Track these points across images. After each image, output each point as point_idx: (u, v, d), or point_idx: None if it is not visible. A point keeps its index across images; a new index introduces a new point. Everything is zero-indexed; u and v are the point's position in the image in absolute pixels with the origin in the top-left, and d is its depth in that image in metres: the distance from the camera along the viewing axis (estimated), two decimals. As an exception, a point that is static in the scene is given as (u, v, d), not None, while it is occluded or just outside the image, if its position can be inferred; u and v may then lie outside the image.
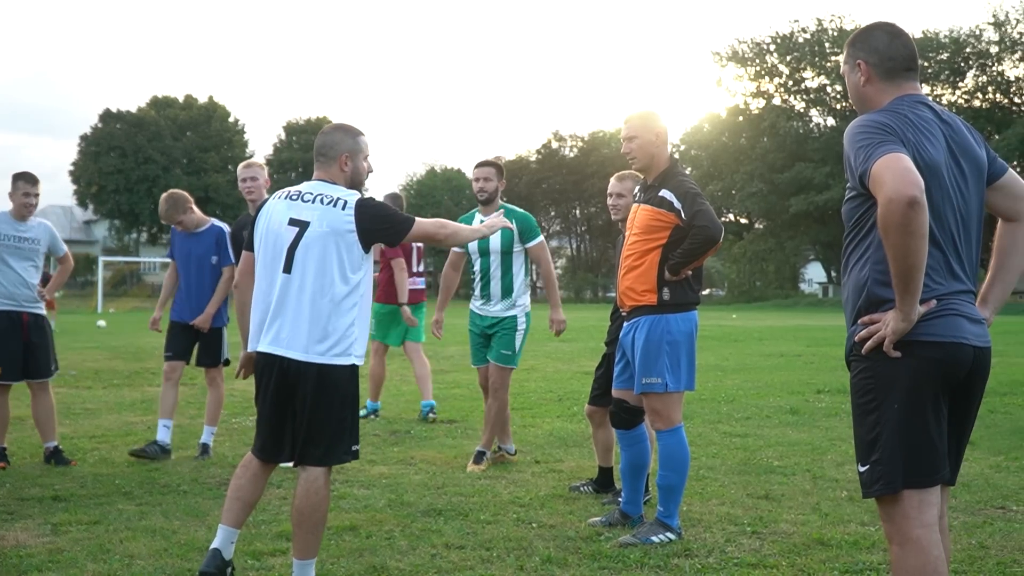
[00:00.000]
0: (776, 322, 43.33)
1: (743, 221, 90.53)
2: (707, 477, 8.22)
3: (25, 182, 8.62)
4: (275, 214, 5.29)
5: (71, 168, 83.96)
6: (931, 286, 3.74)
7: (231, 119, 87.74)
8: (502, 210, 8.05)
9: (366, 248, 5.20)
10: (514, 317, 8.71)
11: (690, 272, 6.37)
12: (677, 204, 6.30)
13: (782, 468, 8.60)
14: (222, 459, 8.91)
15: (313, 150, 5.43)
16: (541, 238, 8.78)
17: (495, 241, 8.60)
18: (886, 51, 4.01)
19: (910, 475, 3.76)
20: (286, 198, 5.31)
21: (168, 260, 9.70)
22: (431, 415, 11.51)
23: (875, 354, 3.78)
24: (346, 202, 5.17)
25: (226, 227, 9.34)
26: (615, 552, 5.97)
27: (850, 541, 6.23)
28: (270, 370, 5.22)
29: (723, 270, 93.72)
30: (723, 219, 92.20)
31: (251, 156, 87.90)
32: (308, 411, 5.13)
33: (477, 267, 8.83)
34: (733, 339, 28.41)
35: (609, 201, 7.65)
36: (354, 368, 5.23)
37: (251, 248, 5.53)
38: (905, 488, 3.77)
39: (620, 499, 7.17)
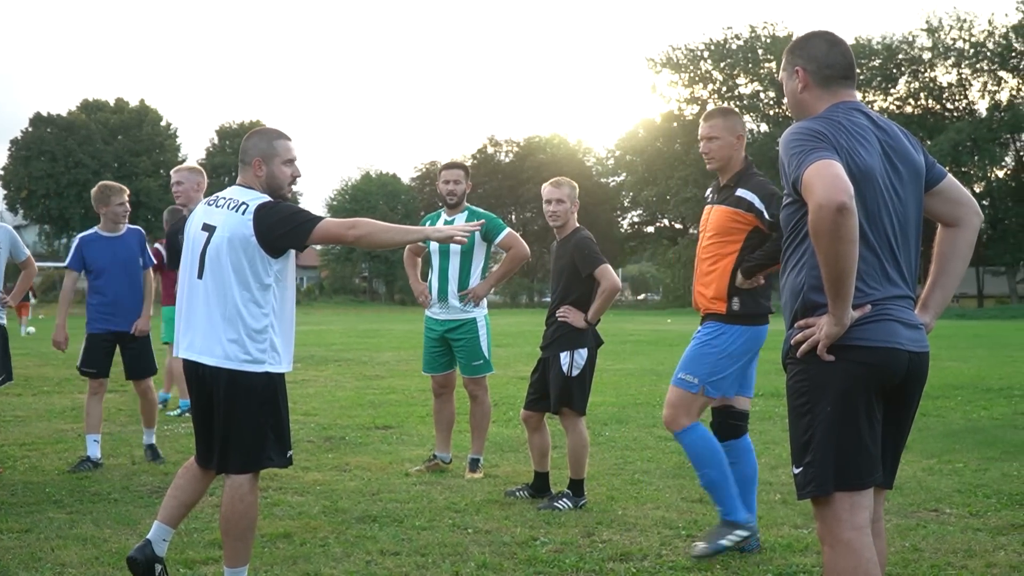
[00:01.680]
0: (710, 326, 43.56)
1: (678, 226, 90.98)
2: (642, 481, 8.26)
3: None
4: (195, 218, 5.28)
5: (0, 172, 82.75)
6: (865, 291, 3.77)
7: (163, 123, 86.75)
8: (470, 220, 8.10)
9: (273, 253, 5.06)
10: (473, 321, 8.58)
11: (762, 280, 6.11)
12: (759, 204, 6.06)
13: (716, 472, 8.64)
14: (152, 468, 8.81)
15: None
16: (507, 229, 8.61)
17: None
18: (824, 59, 4.04)
19: (841, 477, 3.80)
20: (205, 203, 5.30)
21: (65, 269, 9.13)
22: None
23: (809, 358, 3.81)
24: (247, 207, 5.09)
25: (142, 229, 9.19)
26: (551, 557, 5.98)
27: (784, 544, 6.28)
28: (191, 376, 5.20)
29: (658, 275, 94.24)
30: (658, 224, 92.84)
31: (183, 160, 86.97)
32: (223, 417, 5.09)
33: (435, 267, 8.67)
34: (668, 343, 28.55)
35: (548, 208, 7.64)
36: (269, 375, 5.12)
37: None
38: (836, 490, 3.81)
39: (555, 504, 7.19)
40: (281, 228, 5.05)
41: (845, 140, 3.79)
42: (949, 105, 77.36)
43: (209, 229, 5.12)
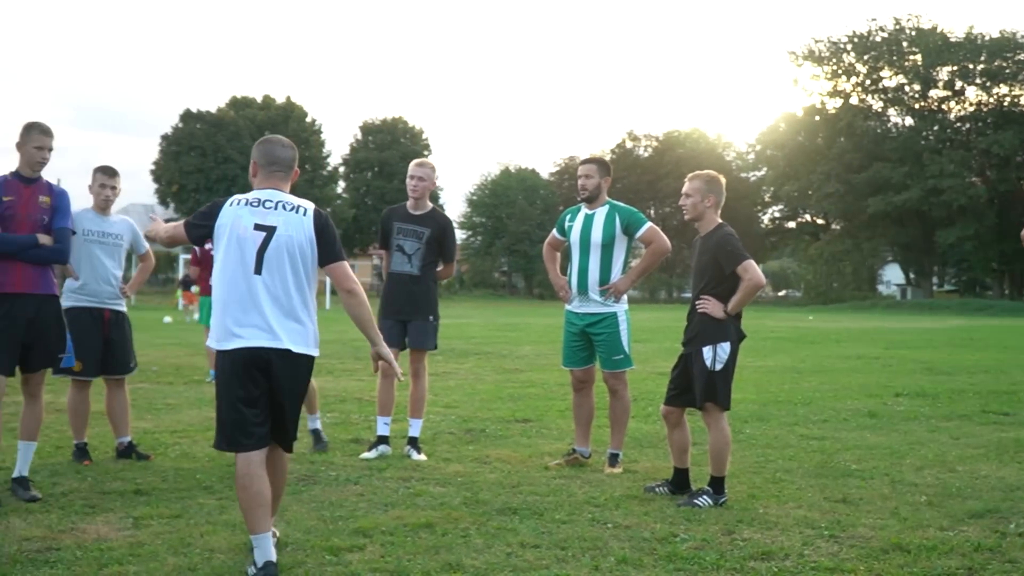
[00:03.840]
0: (853, 324, 42.88)
1: (819, 222, 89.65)
2: (784, 480, 8.16)
3: (102, 173, 8.68)
4: (239, 218, 5.65)
5: (152, 167, 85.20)
6: None
7: (308, 119, 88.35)
8: (610, 214, 8.22)
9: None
10: (614, 315, 8.57)
11: None
12: None
13: (860, 472, 8.52)
14: (299, 456, 8.98)
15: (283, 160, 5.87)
16: (648, 224, 8.58)
17: (594, 236, 8.56)
18: None
19: None
20: (246, 204, 5.70)
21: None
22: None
23: None
24: (306, 210, 5.74)
25: None
26: (690, 554, 5.94)
27: (928, 546, 6.15)
28: (250, 363, 5.59)
29: (799, 271, 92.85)
30: (799, 220, 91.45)
31: (327, 156, 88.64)
32: (288, 398, 5.64)
33: (575, 261, 8.71)
34: (810, 341, 28.15)
35: (681, 201, 7.61)
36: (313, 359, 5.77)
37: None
38: None
39: (694, 500, 7.18)
40: (330, 238, 5.72)
41: None
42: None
43: (266, 229, 5.55)
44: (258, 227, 5.55)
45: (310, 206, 5.74)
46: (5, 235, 7.11)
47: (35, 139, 7.28)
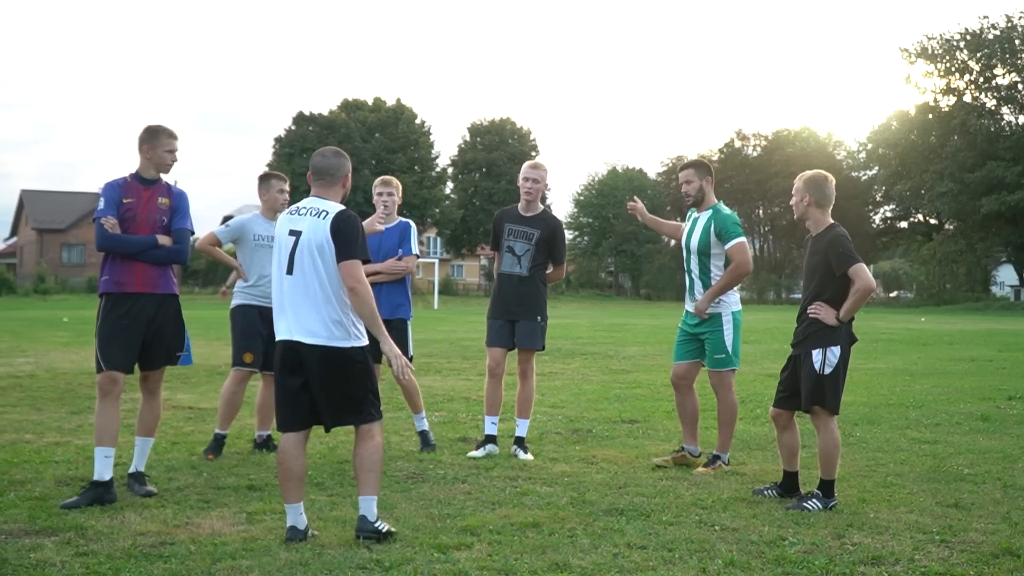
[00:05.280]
0: (967, 326, 42.03)
1: (932, 222, 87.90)
2: (895, 484, 8.05)
3: (278, 180, 9.25)
4: (281, 225, 6.39)
5: (266, 169, 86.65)
6: None
7: (418, 121, 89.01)
8: (713, 219, 8.24)
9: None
10: (719, 316, 8.58)
11: None
12: None
13: (972, 476, 8.38)
14: (408, 454, 9.09)
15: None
16: (739, 239, 8.51)
17: (693, 241, 8.59)
18: None
19: None
20: (287, 212, 6.36)
21: None
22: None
23: None
24: (328, 214, 6.21)
25: (411, 221, 9.50)
26: (799, 558, 5.90)
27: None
28: (288, 355, 6.23)
29: (912, 272, 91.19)
30: (911, 219, 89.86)
31: (436, 157, 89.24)
32: (337, 384, 6.20)
33: (683, 263, 8.87)
34: (922, 343, 27.68)
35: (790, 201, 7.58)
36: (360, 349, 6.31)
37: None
38: None
39: (804, 504, 7.12)
40: (344, 239, 6.15)
41: None
42: None
43: (295, 234, 6.17)
44: (291, 232, 6.21)
45: (333, 209, 6.23)
46: (125, 236, 7.28)
47: (164, 143, 7.45)
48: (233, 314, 9.18)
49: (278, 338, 6.21)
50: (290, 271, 6.16)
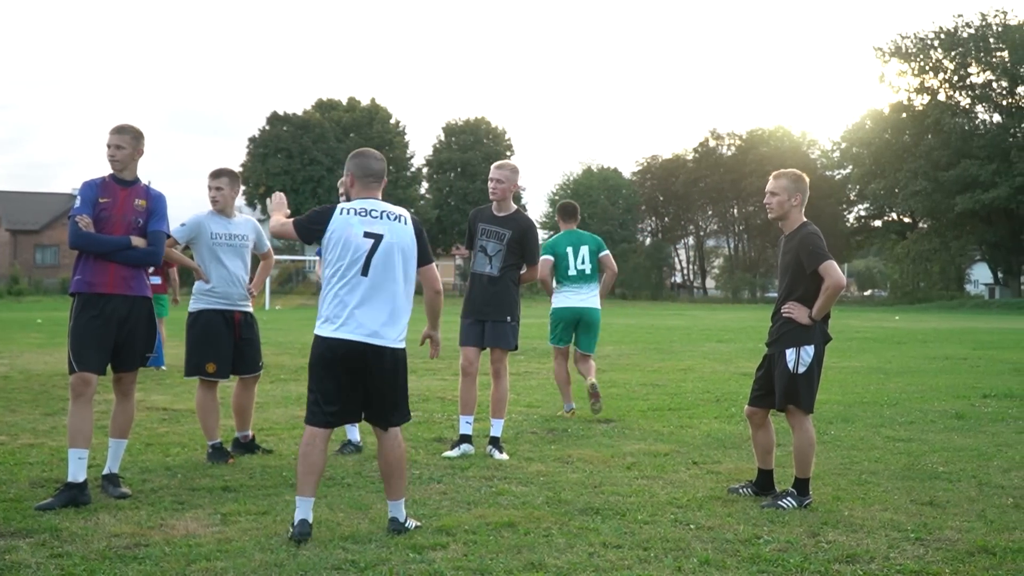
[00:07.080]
0: (941, 324, 42.21)
1: (906, 220, 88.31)
2: (870, 482, 8.08)
3: (209, 176, 8.81)
4: (353, 227, 6.46)
5: (240, 169, 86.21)
6: None
7: (392, 121, 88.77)
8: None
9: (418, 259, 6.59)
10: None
11: None
12: None
13: (947, 474, 8.41)
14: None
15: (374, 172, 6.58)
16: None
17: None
18: None
19: None
20: (356, 213, 6.43)
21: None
22: None
23: None
24: (406, 218, 6.57)
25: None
26: (774, 556, 5.91)
27: (1015, 549, 6.08)
28: (347, 353, 6.33)
29: (886, 271, 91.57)
30: (885, 218, 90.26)
31: (411, 157, 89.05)
32: (389, 384, 6.39)
33: None
34: (896, 341, 27.78)
35: (766, 200, 7.57)
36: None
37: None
38: None
39: (779, 502, 7.13)
40: (424, 242, 6.57)
41: None
42: None
43: (374, 236, 6.30)
44: (367, 235, 6.30)
45: (406, 213, 6.52)
46: (98, 235, 7.23)
47: (108, 139, 7.36)
48: (193, 320, 8.84)
49: (340, 337, 6.23)
50: (365, 272, 6.28)
